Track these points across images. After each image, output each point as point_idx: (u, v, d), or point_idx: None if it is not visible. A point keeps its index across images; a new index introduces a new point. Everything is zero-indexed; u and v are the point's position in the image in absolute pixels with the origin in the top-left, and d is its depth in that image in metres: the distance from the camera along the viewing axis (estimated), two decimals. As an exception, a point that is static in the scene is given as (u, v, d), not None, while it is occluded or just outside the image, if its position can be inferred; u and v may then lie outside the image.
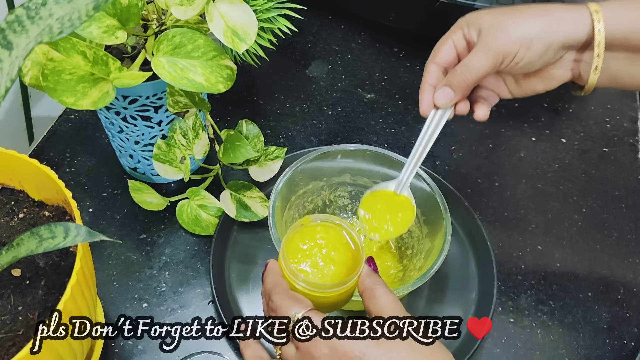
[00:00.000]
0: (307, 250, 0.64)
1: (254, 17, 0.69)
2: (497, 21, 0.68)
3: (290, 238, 0.64)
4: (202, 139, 0.80)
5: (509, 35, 0.66)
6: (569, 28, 0.66)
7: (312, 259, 0.63)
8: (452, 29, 0.72)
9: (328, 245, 0.64)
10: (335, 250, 0.64)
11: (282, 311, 0.58)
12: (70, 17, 0.47)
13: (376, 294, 0.59)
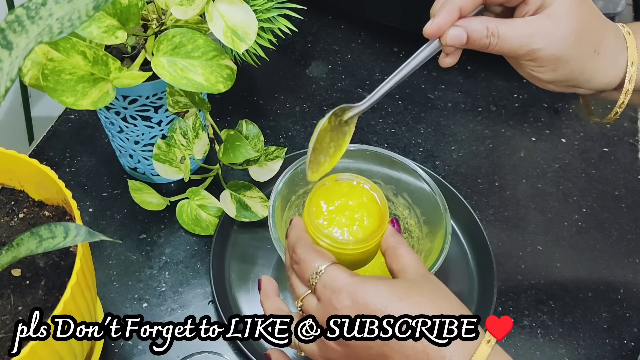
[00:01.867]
0: (332, 208, 0.65)
1: (254, 17, 0.69)
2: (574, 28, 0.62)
3: (315, 195, 0.65)
4: (202, 139, 0.80)
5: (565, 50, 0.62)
6: (606, 80, 0.65)
7: (337, 217, 0.64)
8: None
9: (353, 204, 0.65)
10: (360, 209, 0.64)
11: (306, 263, 0.58)
12: (70, 17, 0.47)
13: (399, 252, 0.60)
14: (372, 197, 0.65)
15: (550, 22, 0.60)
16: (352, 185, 0.66)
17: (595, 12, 0.63)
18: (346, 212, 0.64)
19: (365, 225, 0.64)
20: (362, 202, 0.65)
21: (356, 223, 0.64)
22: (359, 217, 0.64)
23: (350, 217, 0.64)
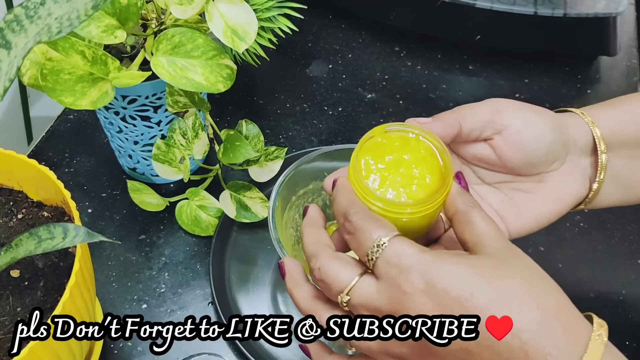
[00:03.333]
0: (382, 165, 0.55)
1: (254, 17, 0.68)
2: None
3: (361, 151, 0.55)
4: (202, 139, 0.80)
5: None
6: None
7: (390, 175, 0.54)
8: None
9: (409, 159, 0.55)
10: (418, 165, 0.55)
11: (363, 233, 0.49)
12: (69, 16, 0.47)
13: (472, 218, 0.50)
14: (431, 150, 0.55)
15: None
16: (405, 137, 0.56)
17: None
18: (400, 168, 0.54)
19: (427, 183, 0.54)
20: (419, 155, 0.55)
21: (414, 182, 0.54)
22: (417, 175, 0.54)
23: (407, 175, 0.54)
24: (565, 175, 0.62)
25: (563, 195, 0.62)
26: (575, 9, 0.96)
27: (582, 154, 0.63)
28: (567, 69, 1.07)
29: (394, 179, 0.54)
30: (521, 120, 0.59)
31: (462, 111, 0.60)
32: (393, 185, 0.54)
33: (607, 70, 1.08)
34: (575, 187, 0.62)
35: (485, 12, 0.98)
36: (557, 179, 0.62)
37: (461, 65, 1.08)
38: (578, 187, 0.63)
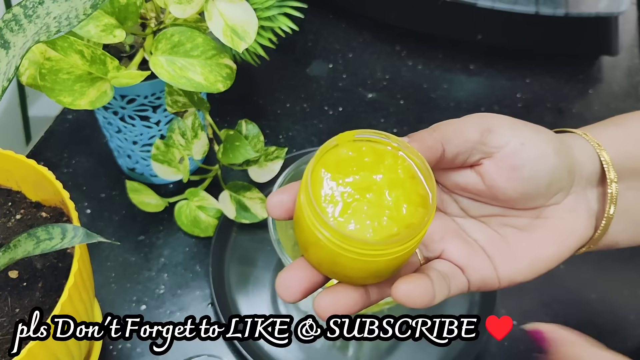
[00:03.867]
0: (346, 187, 0.42)
1: (254, 16, 0.68)
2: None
3: (319, 162, 0.43)
4: (201, 139, 0.80)
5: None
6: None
7: (353, 202, 0.42)
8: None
9: (380, 182, 0.42)
10: (393, 190, 0.42)
11: None
12: (68, 15, 0.47)
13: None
14: (412, 172, 0.43)
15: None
16: (380, 151, 0.44)
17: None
18: (369, 193, 0.42)
19: (402, 215, 0.42)
20: (396, 177, 0.43)
21: (386, 212, 0.42)
22: (391, 203, 0.42)
23: (377, 202, 0.42)
24: (569, 211, 0.51)
25: (566, 235, 0.51)
26: (576, 9, 0.96)
27: (588, 184, 0.52)
28: (568, 69, 1.07)
29: (359, 207, 0.41)
30: (518, 141, 0.48)
31: (445, 130, 0.48)
32: (357, 215, 0.41)
33: (609, 70, 1.08)
34: (580, 225, 0.51)
35: (487, 12, 0.98)
36: (558, 215, 0.51)
37: (462, 65, 1.07)
38: (583, 225, 0.51)
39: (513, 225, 0.51)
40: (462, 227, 0.52)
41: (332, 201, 0.42)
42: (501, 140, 0.48)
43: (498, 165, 0.48)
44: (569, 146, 0.51)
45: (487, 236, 0.51)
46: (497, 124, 0.49)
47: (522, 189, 0.49)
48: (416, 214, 0.42)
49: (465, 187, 0.50)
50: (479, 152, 0.48)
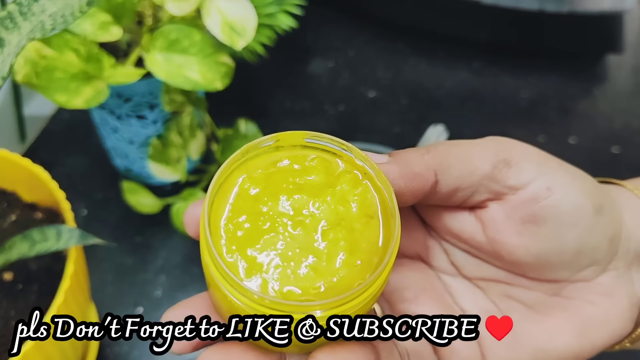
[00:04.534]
0: (267, 208, 0.32)
1: (254, 12, 0.67)
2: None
3: (241, 166, 0.33)
4: (199, 139, 0.79)
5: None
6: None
7: (278, 242, 0.31)
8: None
9: (318, 214, 0.32)
10: (337, 227, 0.32)
11: None
12: (63, 13, 0.47)
13: None
14: (371, 208, 0.32)
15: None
16: (333, 167, 0.33)
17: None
18: (297, 227, 0.31)
19: (349, 261, 0.31)
20: (344, 212, 0.32)
21: (309, 258, 0.31)
22: (323, 247, 0.31)
23: (303, 242, 0.31)
24: (603, 294, 0.37)
25: (592, 327, 0.37)
26: (581, 6, 0.95)
27: (637, 261, 0.38)
28: (573, 67, 1.06)
29: (287, 250, 0.31)
30: (543, 183, 0.36)
31: (444, 154, 0.36)
32: (284, 261, 0.31)
33: (614, 68, 1.07)
34: (615, 316, 0.37)
35: (491, 9, 0.98)
36: (587, 297, 0.37)
37: (465, 63, 1.07)
38: (621, 316, 0.37)
39: (519, 300, 0.39)
40: (449, 288, 0.40)
41: (238, 227, 0.31)
42: (520, 179, 0.36)
43: (508, 212, 0.36)
44: (618, 205, 0.38)
45: (481, 308, 0.39)
46: (519, 156, 0.37)
47: (537, 252, 0.36)
48: (355, 271, 0.31)
49: (459, 235, 0.39)
50: (486, 190, 0.37)
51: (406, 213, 0.40)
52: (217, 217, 0.32)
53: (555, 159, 0.38)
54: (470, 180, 0.36)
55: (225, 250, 0.31)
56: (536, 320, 0.37)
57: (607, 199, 0.37)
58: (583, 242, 0.36)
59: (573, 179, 0.36)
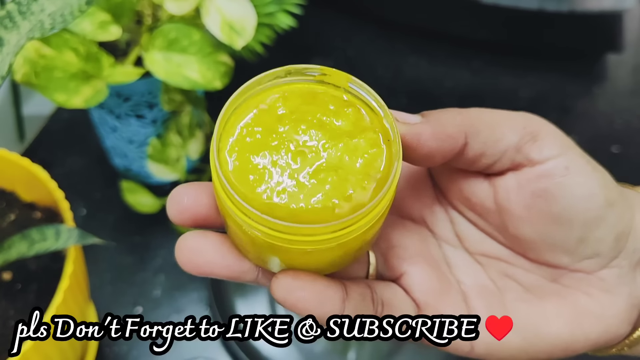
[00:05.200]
0: (275, 143, 0.33)
1: (253, 11, 0.67)
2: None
3: (235, 112, 0.36)
4: (198, 138, 0.79)
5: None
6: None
7: (284, 160, 0.32)
8: None
9: (324, 140, 0.33)
10: (346, 150, 0.33)
11: None
12: (62, 12, 0.47)
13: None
14: (375, 165, 0.32)
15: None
16: (359, 116, 0.35)
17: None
18: (304, 149, 0.33)
19: (354, 185, 0.32)
20: (348, 162, 0.32)
21: (330, 176, 0.32)
22: (337, 161, 0.32)
23: (316, 171, 0.32)
24: (603, 289, 0.37)
25: (587, 319, 0.37)
26: (581, 5, 0.95)
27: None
28: (573, 66, 1.06)
29: (294, 170, 0.32)
30: (563, 162, 0.36)
31: (475, 118, 0.37)
32: (294, 180, 0.32)
33: (614, 67, 1.07)
34: (612, 313, 0.37)
35: (490, 8, 0.98)
36: (585, 288, 0.38)
37: (465, 63, 1.07)
38: (618, 315, 0.37)
39: (517, 280, 0.39)
40: (448, 258, 0.40)
41: (250, 134, 0.34)
42: (542, 154, 0.36)
43: (522, 183, 0.36)
44: (631, 206, 0.38)
45: (478, 283, 0.39)
46: (546, 133, 0.37)
47: (542, 229, 0.37)
48: (368, 189, 0.32)
49: (470, 199, 0.39)
50: (509, 160, 0.37)
51: (420, 176, 0.41)
52: (220, 161, 0.33)
53: (578, 148, 0.38)
54: (496, 148, 0.36)
55: (230, 161, 0.32)
56: (531, 302, 0.37)
57: (622, 197, 0.37)
58: (589, 231, 0.36)
59: (594, 169, 0.37)
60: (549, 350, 0.37)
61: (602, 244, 0.36)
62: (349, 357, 0.72)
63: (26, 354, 0.52)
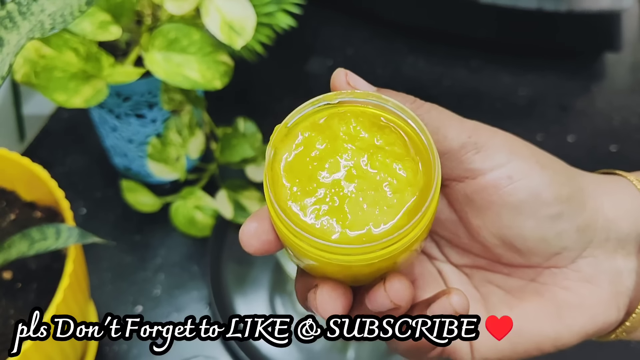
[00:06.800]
0: (326, 167, 0.35)
1: (252, 11, 0.67)
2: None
3: (287, 137, 0.36)
4: (198, 137, 0.79)
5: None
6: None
7: (333, 185, 0.34)
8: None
9: (364, 163, 0.35)
10: (380, 170, 0.34)
11: None
12: (63, 12, 0.47)
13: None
14: (400, 140, 0.35)
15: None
16: (401, 140, 0.35)
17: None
18: (348, 182, 0.34)
19: (401, 198, 0.34)
20: (393, 150, 0.35)
21: (384, 195, 0.34)
22: (387, 184, 0.34)
23: (364, 185, 0.34)
24: (579, 280, 0.38)
25: (569, 312, 0.38)
26: (579, 4, 0.95)
27: (621, 249, 0.39)
28: (571, 65, 1.06)
29: (341, 194, 0.34)
30: (506, 172, 0.37)
31: (425, 112, 0.40)
32: (341, 206, 0.34)
33: (612, 66, 1.07)
34: (595, 302, 0.38)
35: (489, 8, 0.98)
36: (561, 283, 0.38)
37: (464, 62, 1.07)
38: (602, 303, 0.38)
39: (499, 285, 0.40)
40: (442, 273, 0.42)
41: (305, 190, 0.34)
42: (485, 164, 0.37)
43: (469, 195, 0.38)
44: (592, 195, 0.39)
45: (465, 292, 0.38)
46: (491, 143, 0.37)
47: (500, 235, 0.38)
48: (411, 193, 0.34)
49: (437, 216, 0.40)
50: (449, 167, 0.38)
51: None
52: (274, 187, 0.35)
53: (530, 148, 0.39)
54: (438, 146, 0.36)
55: (290, 201, 0.34)
56: (512, 304, 0.39)
57: (577, 190, 0.38)
58: (544, 230, 0.37)
59: (542, 169, 0.37)
60: (536, 348, 0.38)
61: (565, 238, 0.37)
62: (348, 356, 0.72)
63: (27, 353, 0.52)
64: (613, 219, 0.38)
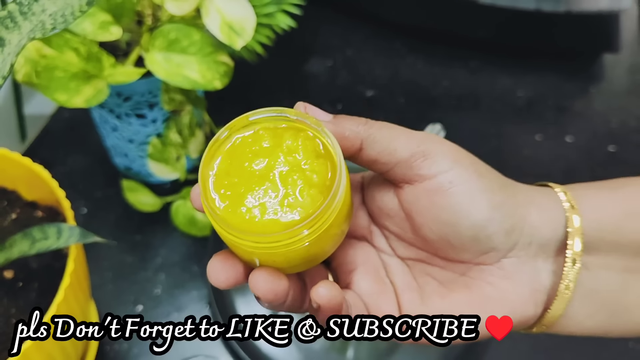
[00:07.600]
0: (238, 176, 0.42)
1: (252, 12, 0.67)
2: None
3: (212, 157, 0.44)
4: (198, 137, 0.79)
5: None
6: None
7: (246, 190, 0.41)
8: None
9: (278, 165, 0.42)
10: (292, 173, 0.42)
11: None
12: (63, 12, 0.47)
13: None
14: (315, 150, 0.43)
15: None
16: (277, 130, 0.46)
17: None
18: (266, 181, 0.41)
19: (301, 202, 0.40)
20: (294, 160, 0.43)
21: (284, 201, 0.40)
22: (289, 190, 0.41)
23: (273, 190, 0.41)
24: (502, 277, 0.43)
25: (490, 306, 0.43)
26: (578, 5, 0.95)
27: (541, 252, 0.44)
28: (570, 66, 1.07)
29: (255, 197, 0.41)
30: (447, 178, 0.42)
31: (377, 131, 0.44)
32: (260, 206, 0.41)
33: (611, 67, 1.07)
34: (514, 298, 0.43)
35: (488, 8, 0.98)
36: (486, 279, 0.44)
37: (463, 62, 1.07)
38: (520, 298, 0.43)
39: (434, 277, 0.45)
40: (386, 265, 0.47)
41: (225, 195, 0.42)
42: (431, 170, 0.42)
43: (417, 195, 0.43)
44: (521, 204, 0.43)
45: (405, 282, 0.45)
46: (437, 152, 0.42)
47: (438, 232, 0.43)
48: (317, 200, 0.40)
49: (389, 213, 0.46)
50: (401, 172, 0.43)
51: (355, 205, 0.48)
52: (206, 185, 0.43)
53: (471, 159, 0.44)
54: (388, 159, 0.43)
55: (218, 203, 0.42)
56: (443, 294, 0.44)
57: (509, 197, 0.43)
58: (477, 231, 0.42)
59: (479, 177, 0.43)
60: None
61: (493, 240, 0.42)
62: (347, 355, 0.72)
63: (27, 352, 0.52)
64: (537, 226, 0.43)
